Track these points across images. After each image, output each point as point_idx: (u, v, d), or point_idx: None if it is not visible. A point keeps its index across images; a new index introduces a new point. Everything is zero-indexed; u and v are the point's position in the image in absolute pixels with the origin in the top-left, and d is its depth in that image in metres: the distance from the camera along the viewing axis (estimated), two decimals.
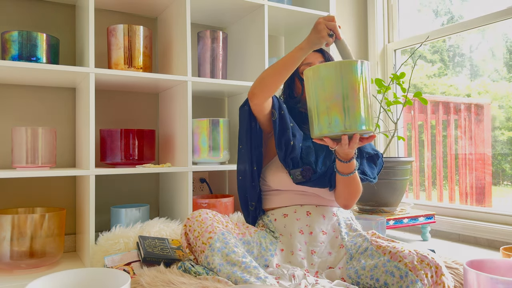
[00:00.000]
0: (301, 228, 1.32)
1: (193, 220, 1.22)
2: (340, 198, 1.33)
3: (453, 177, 2.37)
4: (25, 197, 1.80)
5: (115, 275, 1.04)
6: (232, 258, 1.11)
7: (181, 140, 1.82)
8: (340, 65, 1.08)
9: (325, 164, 1.34)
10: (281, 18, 2.15)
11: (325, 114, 1.09)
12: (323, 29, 1.20)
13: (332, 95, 1.08)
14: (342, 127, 1.08)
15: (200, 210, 1.26)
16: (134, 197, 2.03)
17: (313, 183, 1.31)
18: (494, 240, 1.99)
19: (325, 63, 1.10)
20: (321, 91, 1.10)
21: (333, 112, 1.08)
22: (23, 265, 1.49)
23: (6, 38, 1.58)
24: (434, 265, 1.06)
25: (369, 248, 1.21)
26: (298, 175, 1.30)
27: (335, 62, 1.09)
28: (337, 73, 1.08)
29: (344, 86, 1.07)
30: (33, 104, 1.83)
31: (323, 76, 1.09)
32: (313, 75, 1.12)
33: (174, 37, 1.90)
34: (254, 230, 1.33)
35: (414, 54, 2.45)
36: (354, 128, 1.08)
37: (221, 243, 1.15)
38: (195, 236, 1.19)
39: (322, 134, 1.11)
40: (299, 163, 1.32)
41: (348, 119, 1.07)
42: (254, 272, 1.09)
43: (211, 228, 1.18)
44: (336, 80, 1.08)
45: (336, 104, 1.07)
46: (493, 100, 2.21)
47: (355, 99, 1.07)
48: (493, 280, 0.95)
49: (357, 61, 1.10)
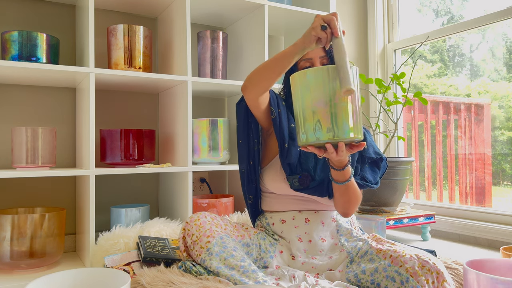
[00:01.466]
0: (300, 236, 1.30)
1: (191, 224, 1.21)
2: (338, 206, 1.28)
3: (453, 177, 2.37)
4: (25, 197, 1.80)
5: (115, 275, 1.04)
6: (230, 262, 1.11)
7: (181, 140, 1.82)
8: (328, 70, 1.02)
9: (324, 171, 1.29)
10: (281, 18, 2.15)
11: (310, 122, 1.03)
12: (317, 21, 1.08)
13: (318, 101, 1.02)
14: (327, 135, 1.02)
15: (199, 214, 1.24)
16: (134, 197, 2.03)
17: (311, 191, 1.27)
18: (494, 240, 1.99)
19: (310, 69, 1.04)
20: (306, 97, 1.04)
21: (318, 119, 1.02)
22: (23, 265, 1.49)
23: (6, 38, 1.58)
24: (435, 271, 1.05)
25: (369, 252, 1.20)
26: (296, 182, 1.26)
27: (322, 67, 1.03)
28: (324, 78, 1.02)
29: (330, 92, 1.01)
30: (33, 104, 1.83)
31: (310, 81, 1.03)
32: (299, 80, 1.06)
33: (174, 37, 1.90)
34: (253, 232, 1.32)
35: (414, 54, 2.45)
36: (340, 136, 1.01)
37: (219, 247, 1.14)
38: (193, 240, 1.18)
39: (307, 142, 1.05)
40: (297, 169, 1.28)
41: (334, 127, 1.01)
42: (253, 276, 1.08)
43: (209, 232, 1.17)
44: (321, 86, 1.02)
45: (321, 111, 1.02)
46: (493, 100, 2.21)
47: (342, 107, 1.01)
48: (493, 280, 0.95)
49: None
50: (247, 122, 1.35)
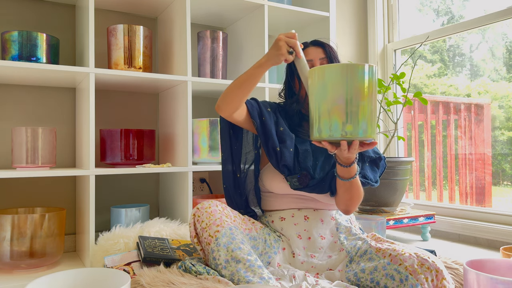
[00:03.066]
0: (299, 233, 1.30)
1: (202, 210, 1.21)
2: (341, 203, 1.30)
3: (453, 177, 2.37)
4: (25, 197, 1.80)
5: (115, 275, 1.04)
6: (237, 255, 1.11)
7: (181, 140, 1.82)
8: (347, 68, 1.04)
9: (324, 170, 1.30)
10: (281, 18, 2.15)
11: (326, 117, 1.06)
12: (283, 46, 1.18)
13: (335, 99, 1.04)
14: (343, 132, 1.04)
15: (210, 201, 1.24)
16: (134, 197, 2.03)
17: (311, 189, 1.28)
18: (494, 240, 1.99)
19: (330, 65, 1.06)
20: (324, 93, 1.06)
21: (335, 116, 1.04)
22: (23, 265, 1.49)
23: (6, 38, 1.58)
24: (434, 268, 1.05)
25: (368, 251, 1.20)
26: (295, 181, 1.27)
27: (341, 64, 1.05)
28: (343, 76, 1.04)
29: (348, 90, 1.03)
30: (33, 104, 1.83)
31: (328, 78, 1.05)
32: (317, 76, 1.08)
33: (174, 37, 1.90)
34: (260, 226, 1.32)
35: (414, 54, 2.45)
36: (354, 134, 1.04)
37: (227, 238, 1.14)
38: (202, 227, 1.18)
39: (321, 137, 1.08)
40: (295, 169, 1.29)
41: (349, 125, 1.03)
42: (258, 271, 1.08)
43: (219, 222, 1.17)
44: (340, 83, 1.04)
45: (339, 108, 1.04)
46: (493, 100, 2.21)
47: (358, 105, 1.03)
48: (493, 280, 0.95)
49: (365, 64, 1.05)
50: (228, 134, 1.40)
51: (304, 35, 2.29)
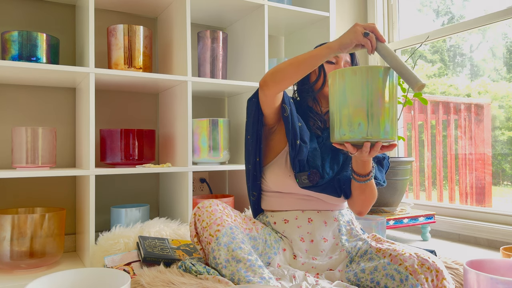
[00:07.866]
0: (302, 236, 1.30)
1: (203, 209, 1.21)
2: (356, 205, 1.31)
3: (453, 177, 2.37)
4: (25, 197, 1.80)
5: (115, 275, 1.04)
6: (238, 254, 1.10)
7: (181, 140, 1.82)
8: (367, 71, 1.04)
9: (333, 169, 1.30)
10: (281, 18, 2.15)
11: (347, 119, 1.06)
12: (359, 29, 1.11)
13: (357, 101, 1.05)
14: (364, 134, 1.04)
15: (211, 201, 1.24)
16: (134, 197, 2.03)
17: (321, 189, 1.28)
18: (494, 240, 1.99)
19: (352, 67, 1.06)
20: (346, 95, 1.06)
21: (357, 118, 1.05)
22: (23, 265, 1.49)
23: (6, 38, 1.58)
24: (434, 269, 1.05)
25: (368, 251, 1.20)
26: (305, 179, 1.26)
27: (363, 66, 1.06)
28: (364, 79, 1.04)
29: (370, 92, 1.04)
30: (33, 104, 1.83)
31: (349, 80, 1.06)
32: (338, 78, 1.08)
33: (174, 37, 1.90)
34: (261, 226, 1.31)
35: (414, 54, 2.45)
36: (376, 136, 1.05)
37: (228, 237, 1.13)
38: (203, 226, 1.18)
39: (342, 139, 1.08)
40: (305, 167, 1.27)
41: (371, 126, 1.04)
42: (259, 271, 1.08)
43: (220, 221, 1.17)
44: (362, 85, 1.04)
45: (360, 110, 1.04)
46: (493, 100, 2.21)
47: (380, 107, 1.04)
48: (493, 280, 0.95)
49: (386, 67, 1.06)
50: (257, 119, 1.33)
51: (304, 35, 2.29)
